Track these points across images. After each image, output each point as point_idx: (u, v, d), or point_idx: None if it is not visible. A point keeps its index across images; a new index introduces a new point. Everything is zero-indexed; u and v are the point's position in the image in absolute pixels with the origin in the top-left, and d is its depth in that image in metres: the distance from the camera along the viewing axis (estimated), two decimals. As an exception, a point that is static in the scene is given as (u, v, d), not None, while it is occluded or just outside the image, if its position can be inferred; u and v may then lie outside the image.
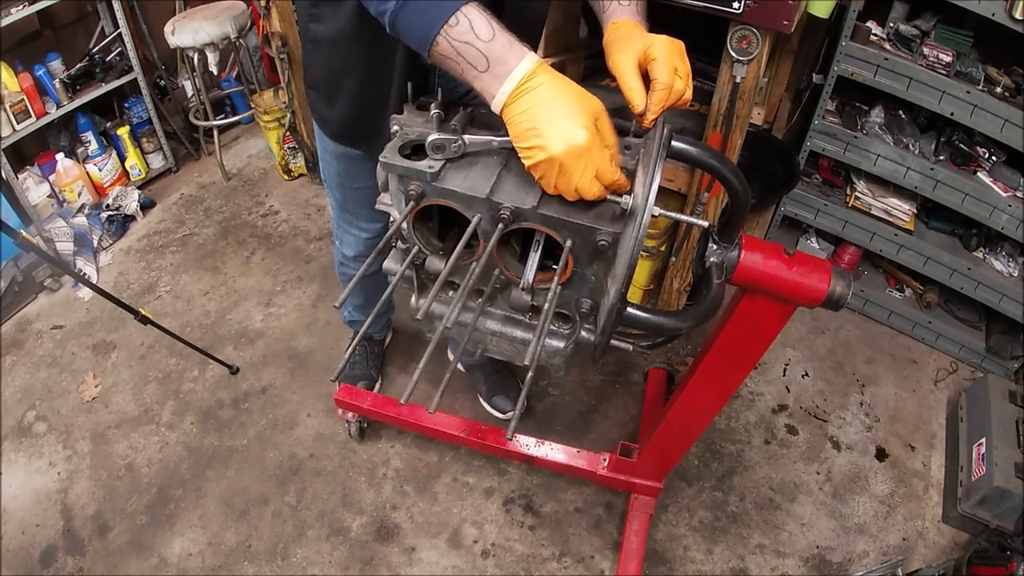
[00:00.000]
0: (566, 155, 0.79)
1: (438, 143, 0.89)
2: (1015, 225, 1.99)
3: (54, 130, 2.68)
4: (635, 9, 1.02)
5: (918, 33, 1.98)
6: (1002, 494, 1.78)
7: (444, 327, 0.81)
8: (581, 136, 0.79)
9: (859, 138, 2.11)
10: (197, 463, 1.98)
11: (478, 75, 0.81)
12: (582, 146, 0.79)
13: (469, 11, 0.79)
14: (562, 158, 0.79)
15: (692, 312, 0.93)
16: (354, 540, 1.83)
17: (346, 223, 1.60)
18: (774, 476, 2.01)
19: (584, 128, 0.79)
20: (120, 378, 2.21)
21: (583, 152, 0.79)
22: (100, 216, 2.70)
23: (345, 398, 1.85)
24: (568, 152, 0.79)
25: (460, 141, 0.90)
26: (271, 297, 2.49)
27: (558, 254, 0.88)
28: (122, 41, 2.67)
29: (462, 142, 0.90)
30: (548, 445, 1.77)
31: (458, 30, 0.79)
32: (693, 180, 1.88)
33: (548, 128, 0.79)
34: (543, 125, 0.79)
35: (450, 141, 0.89)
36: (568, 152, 0.79)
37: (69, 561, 1.78)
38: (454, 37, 0.80)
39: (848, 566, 1.83)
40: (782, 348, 2.36)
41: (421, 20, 0.81)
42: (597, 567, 1.80)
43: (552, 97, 0.80)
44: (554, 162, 0.80)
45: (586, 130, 0.79)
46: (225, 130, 3.24)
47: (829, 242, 2.58)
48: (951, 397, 2.25)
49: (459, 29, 0.79)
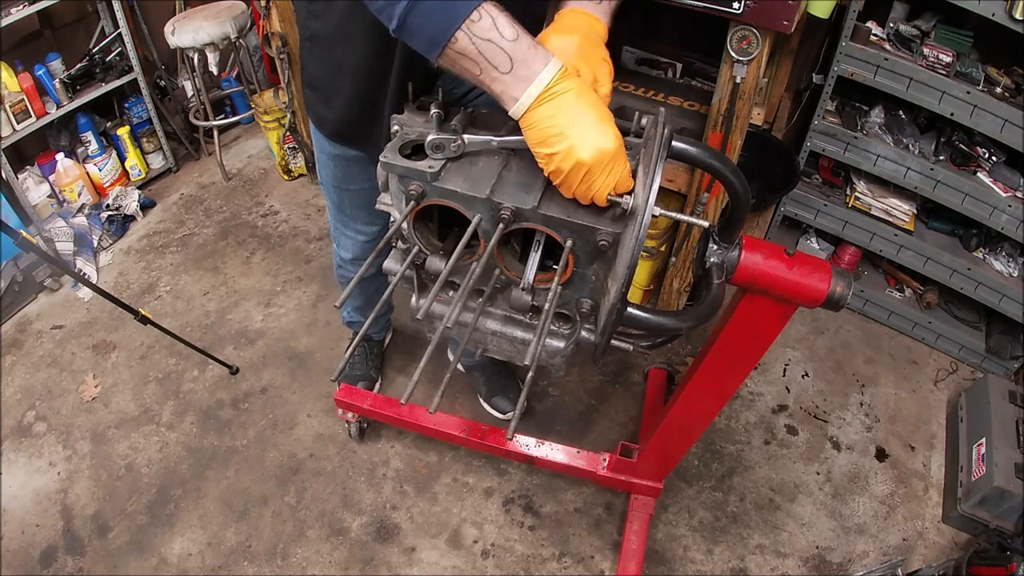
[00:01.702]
0: (595, 161, 0.79)
1: (437, 143, 0.89)
2: (1015, 225, 1.99)
3: (54, 130, 2.68)
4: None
5: (918, 33, 1.98)
6: (1002, 494, 1.78)
7: (444, 327, 0.81)
8: (610, 143, 0.79)
9: (859, 138, 2.11)
10: (197, 463, 1.98)
11: (499, 76, 0.79)
12: (611, 153, 0.79)
13: (490, 8, 0.78)
14: (591, 164, 0.79)
15: (692, 312, 0.93)
16: (354, 540, 1.83)
17: (343, 226, 1.60)
18: (774, 476, 2.01)
19: (613, 136, 0.80)
20: (120, 378, 2.21)
21: (611, 159, 0.80)
22: (100, 216, 2.70)
23: (345, 398, 1.85)
24: (597, 158, 0.79)
25: (459, 141, 0.90)
26: (271, 297, 2.49)
27: (558, 254, 0.88)
28: (122, 41, 2.67)
29: (461, 142, 0.90)
30: (548, 445, 1.77)
31: (480, 26, 0.77)
32: (693, 180, 1.88)
33: (577, 134, 0.79)
34: (572, 131, 0.79)
35: (449, 141, 0.89)
36: (597, 158, 0.79)
37: (69, 561, 1.78)
38: (476, 34, 0.77)
39: (848, 566, 1.83)
40: (782, 348, 2.36)
41: (440, 15, 0.77)
42: (597, 567, 1.80)
43: (580, 103, 0.80)
44: (582, 168, 0.80)
45: (615, 138, 0.80)
46: (225, 130, 3.25)
47: (829, 242, 2.58)
48: (951, 397, 2.25)
49: (482, 25, 0.77)
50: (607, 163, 0.80)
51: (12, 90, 2.36)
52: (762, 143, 2.30)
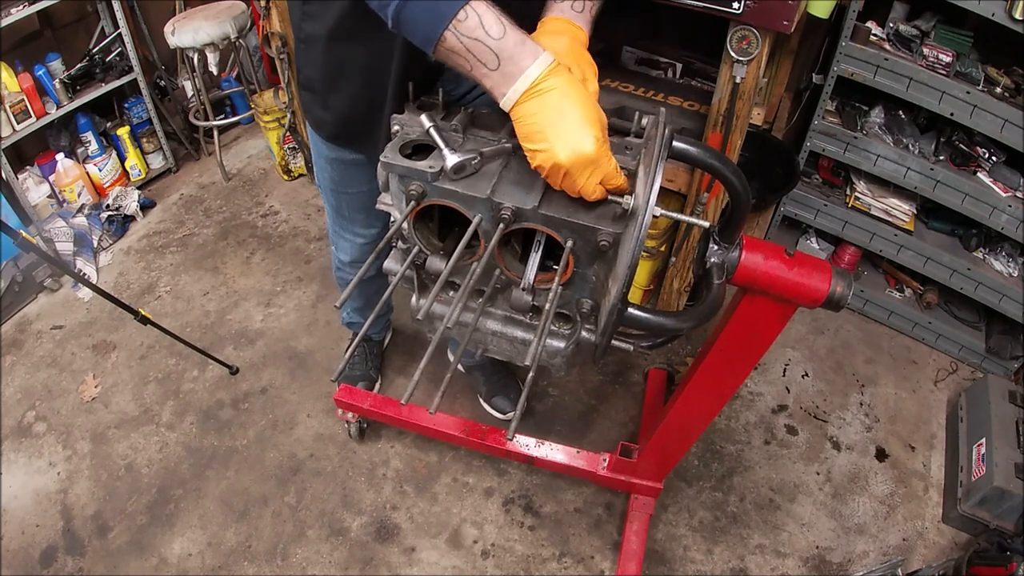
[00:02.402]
0: (572, 164, 0.80)
1: (459, 165, 0.88)
2: (1015, 225, 1.99)
3: (54, 130, 2.68)
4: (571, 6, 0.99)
5: (918, 33, 1.98)
6: (1002, 494, 1.78)
7: (445, 327, 0.81)
8: (589, 146, 0.79)
9: (859, 138, 2.11)
10: (197, 463, 1.98)
11: (487, 73, 0.80)
12: (589, 156, 0.79)
13: (478, 6, 0.78)
14: (568, 166, 0.80)
15: (693, 312, 0.93)
16: (354, 540, 1.83)
17: (341, 228, 1.59)
18: (774, 476, 2.01)
19: (593, 138, 0.79)
20: (120, 378, 2.21)
21: (589, 162, 0.80)
22: (100, 216, 2.70)
23: (345, 398, 1.85)
24: (574, 161, 0.79)
25: (478, 157, 0.90)
26: (271, 297, 2.49)
27: (559, 254, 0.89)
28: (122, 41, 2.67)
29: (479, 156, 0.90)
30: (548, 445, 1.77)
31: (467, 25, 0.78)
32: (693, 180, 1.88)
33: (556, 135, 0.79)
34: (551, 131, 0.79)
35: (470, 160, 0.89)
36: (574, 161, 0.79)
37: (69, 561, 1.78)
38: (463, 32, 0.78)
39: (848, 566, 1.83)
40: (782, 348, 2.36)
41: (428, 15, 0.79)
42: (597, 567, 1.80)
43: (563, 103, 0.80)
44: (559, 168, 0.81)
45: (595, 140, 0.79)
46: (225, 130, 3.24)
47: (829, 242, 2.58)
48: (951, 397, 2.25)
49: (468, 24, 0.78)
50: (585, 166, 0.80)
51: (12, 90, 2.36)
52: (762, 143, 2.30)
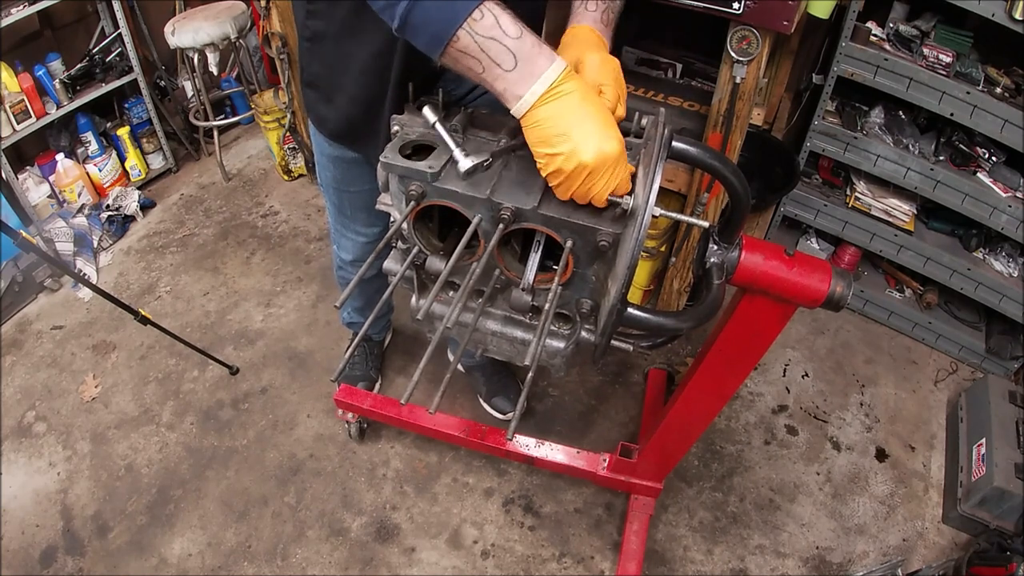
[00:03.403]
0: (597, 164, 0.79)
1: (473, 169, 0.88)
2: (1015, 225, 1.99)
3: (54, 130, 2.68)
4: (598, 17, 1.02)
5: (918, 33, 1.98)
6: (1002, 494, 1.78)
7: (444, 327, 0.81)
8: (614, 147, 0.79)
9: (859, 138, 2.11)
10: (197, 463, 1.98)
11: (502, 74, 0.79)
12: (614, 156, 0.79)
13: (492, 7, 0.78)
14: (593, 166, 0.79)
15: (692, 312, 0.93)
16: (354, 540, 1.83)
17: (343, 227, 1.60)
18: (774, 476, 2.01)
19: (616, 139, 0.80)
20: (120, 378, 2.21)
21: (613, 162, 0.80)
22: (100, 216, 2.70)
23: (345, 398, 1.85)
24: (600, 161, 0.79)
25: (489, 159, 0.90)
26: (271, 297, 2.49)
27: (558, 254, 0.89)
28: (122, 41, 2.67)
29: (490, 159, 0.90)
30: (548, 445, 1.77)
31: (483, 24, 0.77)
32: (693, 180, 1.88)
33: (581, 136, 0.79)
34: (575, 131, 0.79)
35: (482, 163, 0.89)
36: (600, 161, 0.79)
37: (69, 561, 1.78)
38: (479, 32, 0.77)
39: (848, 567, 1.83)
40: (782, 348, 2.36)
41: (441, 14, 0.77)
42: (597, 567, 1.80)
43: (584, 105, 0.80)
44: (584, 169, 0.80)
45: (619, 142, 0.80)
46: (225, 130, 3.24)
47: (829, 242, 2.58)
48: (951, 397, 2.25)
49: (484, 23, 0.77)
50: (609, 166, 0.80)
51: (12, 90, 2.36)
52: (762, 143, 2.30)
